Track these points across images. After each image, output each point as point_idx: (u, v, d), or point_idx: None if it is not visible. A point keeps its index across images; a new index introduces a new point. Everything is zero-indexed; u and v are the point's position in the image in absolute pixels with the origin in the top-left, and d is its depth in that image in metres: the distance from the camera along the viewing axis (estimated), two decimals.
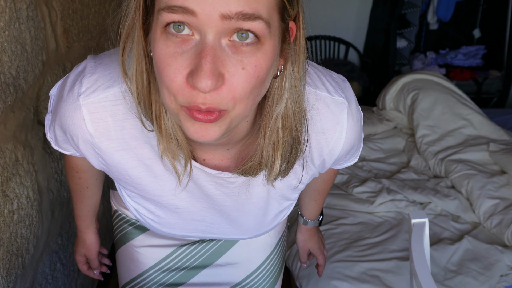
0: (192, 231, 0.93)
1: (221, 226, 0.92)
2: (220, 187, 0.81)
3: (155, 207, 0.87)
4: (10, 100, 1.13)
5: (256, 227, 0.93)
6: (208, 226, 0.91)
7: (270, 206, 0.88)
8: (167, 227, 0.91)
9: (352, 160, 0.91)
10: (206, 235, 0.95)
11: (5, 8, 1.10)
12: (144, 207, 0.88)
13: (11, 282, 1.13)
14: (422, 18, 4.12)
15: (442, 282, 1.63)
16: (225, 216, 0.89)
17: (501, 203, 1.94)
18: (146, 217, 0.90)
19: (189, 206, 0.85)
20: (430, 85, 2.60)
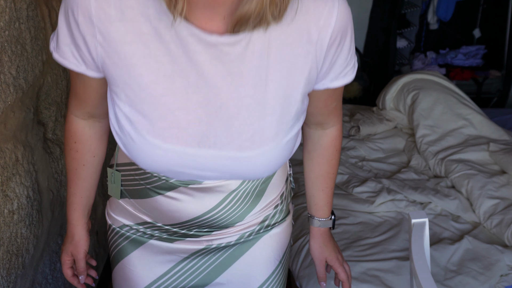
0: (188, 140, 0.83)
1: (220, 133, 0.83)
2: (216, 62, 0.78)
3: (149, 108, 0.82)
4: (10, 100, 1.13)
5: (256, 136, 0.84)
6: (205, 132, 0.83)
7: (270, 101, 0.83)
8: (160, 133, 0.83)
9: (349, 72, 0.89)
10: (202, 149, 0.84)
11: (5, 8, 1.10)
12: (136, 111, 0.82)
13: (11, 282, 1.13)
14: (422, 18, 4.12)
15: (442, 282, 1.63)
16: (223, 114, 0.82)
17: (501, 203, 1.94)
18: (138, 125, 0.83)
19: (185, 101, 0.81)
20: (430, 85, 2.60)
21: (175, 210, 0.96)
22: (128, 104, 0.82)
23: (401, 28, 3.91)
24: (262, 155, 0.86)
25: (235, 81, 0.80)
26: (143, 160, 0.87)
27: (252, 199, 0.99)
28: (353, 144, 2.48)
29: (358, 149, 2.45)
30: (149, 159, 0.86)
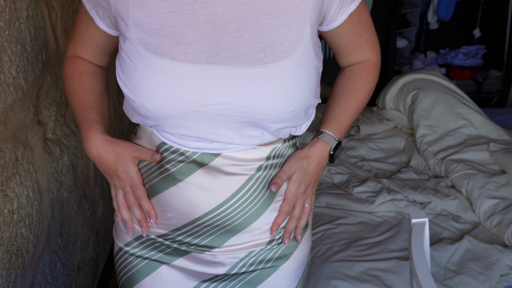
0: (196, 56, 0.80)
1: (230, 47, 0.80)
2: None
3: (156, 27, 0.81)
4: (10, 100, 1.13)
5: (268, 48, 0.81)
6: (214, 47, 0.80)
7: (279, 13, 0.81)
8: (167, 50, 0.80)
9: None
10: (212, 65, 0.80)
11: (5, 7, 1.10)
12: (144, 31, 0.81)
13: (11, 281, 1.13)
14: (422, 18, 4.12)
15: (442, 282, 1.63)
16: (231, 27, 0.80)
17: (501, 203, 1.94)
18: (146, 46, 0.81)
19: (192, 17, 0.80)
20: (430, 84, 2.60)
21: (190, 203, 0.91)
22: (135, 27, 0.82)
23: (401, 28, 3.91)
24: (276, 73, 0.81)
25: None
26: (152, 94, 0.81)
27: (267, 193, 0.94)
28: (353, 144, 2.48)
29: (358, 149, 2.46)
30: (158, 90, 0.81)
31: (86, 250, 1.78)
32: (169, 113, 0.83)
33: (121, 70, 0.86)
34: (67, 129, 1.54)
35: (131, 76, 0.83)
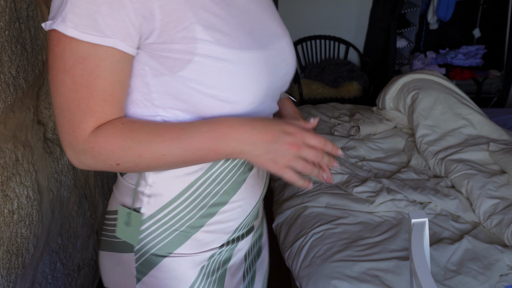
0: (260, 40, 0.84)
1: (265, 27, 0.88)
2: None
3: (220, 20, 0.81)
4: (10, 100, 1.13)
5: (278, 21, 0.95)
6: (260, 30, 0.86)
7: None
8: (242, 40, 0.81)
9: None
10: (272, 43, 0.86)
11: (5, 8, 1.10)
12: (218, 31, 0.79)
13: (11, 281, 1.13)
14: (422, 18, 4.13)
15: (442, 282, 1.63)
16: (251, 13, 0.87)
17: (501, 203, 1.94)
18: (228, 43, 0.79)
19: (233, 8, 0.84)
20: (430, 84, 2.60)
21: (255, 184, 0.94)
22: (206, 29, 0.77)
23: (401, 28, 3.92)
24: (290, 42, 0.94)
25: None
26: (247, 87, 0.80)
27: None
28: (353, 144, 2.48)
29: (358, 149, 2.46)
30: (251, 81, 0.81)
31: (86, 250, 1.78)
32: (257, 102, 0.83)
33: (201, 79, 0.78)
34: None
35: (223, 78, 0.79)
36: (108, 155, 0.77)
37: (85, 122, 0.76)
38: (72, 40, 0.72)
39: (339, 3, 3.82)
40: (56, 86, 0.75)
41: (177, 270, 0.91)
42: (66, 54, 0.73)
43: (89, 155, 0.78)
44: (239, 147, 0.78)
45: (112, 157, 0.77)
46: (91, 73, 0.74)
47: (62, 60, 0.73)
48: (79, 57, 0.73)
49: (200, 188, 0.87)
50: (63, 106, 0.76)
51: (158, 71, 0.78)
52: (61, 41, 0.73)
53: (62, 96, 0.75)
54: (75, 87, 0.74)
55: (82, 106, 0.75)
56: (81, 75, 0.74)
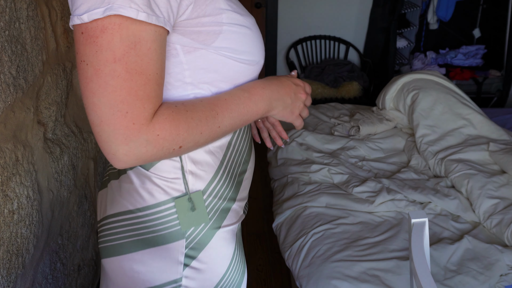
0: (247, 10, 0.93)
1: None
2: None
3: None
4: (10, 100, 1.13)
5: None
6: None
7: None
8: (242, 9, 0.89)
9: None
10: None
11: (5, 8, 1.10)
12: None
13: (11, 281, 1.13)
14: (422, 18, 4.13)
15: (442, 282, 1.63)
16: None
17: (501, 203, 1.94)
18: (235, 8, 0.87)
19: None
20: (430, 84, 2.60)
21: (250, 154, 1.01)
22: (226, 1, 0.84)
23: (401, 28, 3.92)
24: None
25: None
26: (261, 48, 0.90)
27: None
28: (353, 144, 2.48)
29: (358, 149, 2.46)
30: (260, 43, 0.90)
31: (86, 250, 1.78)
32: (263, 61, 0.92)
33: (233, 46, 0.84)
34: (67, 129, 1.54)
35: (249, 42, 0.86)
36: (174, 139, 0.76)
37: (146, 111, 0.73)
38: (122, 25, 0.69)
39: (339, 3, 3.82)
40: (103, 80, 0.70)
41: (223, 245, 0.95)
42: (116, 42, 0.69)
43: (152, 145, 0.75)
44: (273, 104, 0.91)
45: (177, 140, 0.77)
46: (144, 57, 0.72)
47: (110, 50, 0.69)
48: (131, 42, 0.70)
49: (230, 160, 0.93)
50: (116, 100, 0.71)
51: (192, 47, 0.81)
52: (107, 30, 0.69)
53: (114, 90, 0.70)
54: (130, 76, 0.71)
55: (140, 94, 0.72)
56: (135, 61, 0.71)
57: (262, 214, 2.90)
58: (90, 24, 0.69)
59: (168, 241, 0.91)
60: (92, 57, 0.70)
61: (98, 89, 0.70)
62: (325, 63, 3.88)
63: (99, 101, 0.71)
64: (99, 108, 0.71)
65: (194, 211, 0.90)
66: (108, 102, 0.70)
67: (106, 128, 0.72)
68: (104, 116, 0.71)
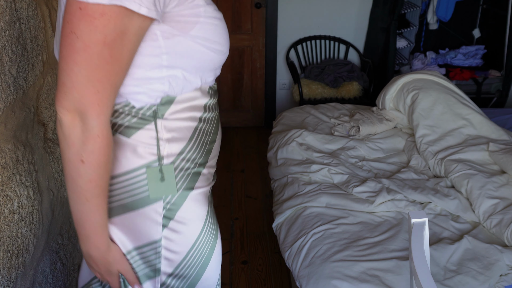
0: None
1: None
2: None
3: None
4: (11, 100, 1.13)
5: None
6: None
7: None
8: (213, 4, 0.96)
9: None
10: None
11: (6, 8, 1.10)
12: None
13: (12, 281, 1.13)
14: (422, 18, 4.13)
15: (442, 282, 1.63)
16: None
17: (501, 203, 1.94)
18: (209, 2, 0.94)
19: None
20: (430, 85, 2.60)
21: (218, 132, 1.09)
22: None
23: (401, 28, 3.92)
24: None
25: None
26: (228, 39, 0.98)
27: None
28: (353, 144, 2.48)
29: (358, 149, 2.46)
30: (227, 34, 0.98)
31: None
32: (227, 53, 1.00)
33: (207, 36, 0.92)
34: None
35: (219, 34, 0.95)
36: (92, 156, 0.84)
37: (110, 101, 0.83)
38: (119, 15, 0.77)
39: (339, 3, 3.82)
40: (90, 57, 0.77)
41: (197, 206, 1.03)
42: (109, 28, 0.77)
43: (83, 135, 0.83)
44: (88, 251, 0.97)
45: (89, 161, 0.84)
46: (125, 47, 0.81)
47: (103, 34, 0.77)
48: (121, 31, 0.78)
49: (201, 129, 1.01)
50: (94, 77, 0.79)
51: (170, 33, 0.88)
52: (106, 15, 0.76)
53: (96, 67, 0.78)
54: (112, 60, 0.79)
55: (112, 79, 0.81)
56: (118, 49, 0.79)
57: (262, 214, 2.90)
58: (92, 5, 0.76)
59: (147, 203, 0.97)
60: (85, 34, 0.76)
61: (82, 62, 0.78)
62: (325, 63, 3.88)
63: (79, 71, 0.78)
64: (77, 76, 0.79)
65: (163, 181, 0.96)
66: (87, 75, 0.78)
67: (75, 93, 0.80)
68: (79, 85, 0.79)
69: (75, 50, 0.77)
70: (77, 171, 0.86)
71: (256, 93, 4.03)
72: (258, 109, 4.09)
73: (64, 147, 0.85)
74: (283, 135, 2.55)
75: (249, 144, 3.78)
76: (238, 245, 2.62)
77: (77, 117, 0.81)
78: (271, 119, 3.93)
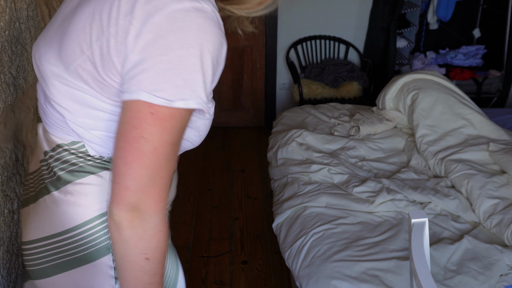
0: None
1: None
2: None
3: None
4: (10, 100, 1.13)
5: None
6: None
7: None
8: None
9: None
10: None
11: (5, 8, 1.10)
12: None
13: (12, 281, 1.13)
14: (422, 18, 4.12)
15: (442, 282, 1.63)
16: None
17: (501, 203, 1.94)
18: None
19: None
20: (430, 84, 2.60)
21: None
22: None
23: (401, 28, 3.92)
24: None
25: None
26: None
27: None
28: (353, 144, 2.48)
29: (358, 149, 2.46)
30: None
31: None
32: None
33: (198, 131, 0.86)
34: None
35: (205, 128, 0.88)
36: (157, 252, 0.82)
37: (166, 196, 0.81)
38: (184, 115, 0.76)
39: (339, 3, 3.82)
40: (156, 159, 0.76)
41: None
42: (176, 129, 0.77)
43: (146, 233, 0.80)
44: None
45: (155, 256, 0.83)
46: (179, 140, 0.80)
47: (171, 135, 0.77)
48: (181, 128, 0.78)
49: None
50: (158, 176, 0.78)
51: None
52: (175, 117, 0.75)
53: (162, 166, 0.78)
54: (173, 157, 0.79)
55: (171, 173, 0.80)
56: (179, 144, 0.80)
57: (262, 214, 2.90)
58: (163, 108, 0.74)
59: (96, 257, 0.91)
60: (155, 137, 0.75)
61: (149, 164, 0.76)
62: (325, 63, 3.88)
63: (145, 173, 0.76)
64: (142, 178, 0.77)
65: None
66: (151, 174, 0.77)
67: (140, 194, 0.77)
68: (144, 186, 0.77)
69: (143, 154, 0.76)
70: (142, 269, 0.83)
71: (256, 93, 4.03)
72: (258, 109, 4.09)
73: (124, 249, 0.82)
74: (283, 135, 2.55)
75: (249, 144, 3.78)
76: (238, 245, 2.62)
77: (137, 217, 0.79)
78: (271, 119, 3.94)
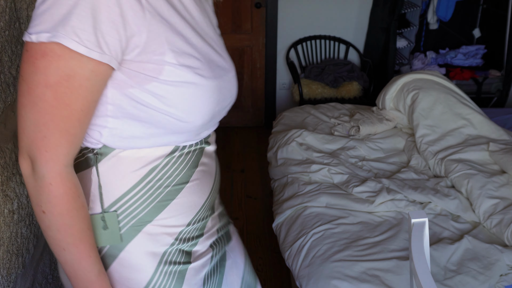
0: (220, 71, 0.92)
1: (221, 59, 0.94)
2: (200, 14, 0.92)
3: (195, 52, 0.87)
4: (10, 100, 1.13)
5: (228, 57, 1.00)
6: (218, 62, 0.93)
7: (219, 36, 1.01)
8: (212, 70, 0.89)
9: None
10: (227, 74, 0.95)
11: (5, 8, 1.10)
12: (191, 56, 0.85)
13: (12, 281, 1.13)
14: (422, 18, 4.12)
15: (442, 282, 1.63)
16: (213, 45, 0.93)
17: (501, 203, 1.94)
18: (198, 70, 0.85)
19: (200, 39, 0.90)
20: (430, 84, 2.60)
21: (205, 183, 0.98)
22: (176, 55, 0.82)
23: (401, 28, 3.92)
24: (235, 76, 1.00)
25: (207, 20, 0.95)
26: (201, 111, 0.87)
27: None
28: (353, 144, 2.48)
29: (358, 149, 2.46)
30: (204, 106, 0.87)
31: None
32: (203, 124, 0.90)
33: (162, 100, 0.83)
34: None
35: (181, 101, 0.84)
36: (50, 206, 0.79)
37: (61, 147, 0.77)
38: (61, 56, 0.72)
39: (339, 3, 3.82)
40: (33, 99, 0.74)
41: (134, 263, 0.93)
42: (51, 70, 0.73)
43: (38, 183, 0.78)
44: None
45: (49, 210, 0.79)
46: (74, 92, 0.75)
47: (45, 75, 0.73)
48: (65, 74, 0.73)
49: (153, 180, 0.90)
50: (40, 121, 0.75)
51: (125, 83, 0.81)
52: (46, 56, 0.73)
53: (40, 110, 0.75)
54: (57, 104, 0.75)
55: (60, 125, 0.76)
56: (64, 92, 0.74)
57: (262, 214, 2.90)
58: (35, 45, 0.73)
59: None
60: (28, 76, 0.74)
61: (27, 105, 0.75)
62: (325, 63, 3.88)
63: (26, 115, 0.76)
64: (25, 121, 0.76)
65: (106, 230, 0.90)
66: (33, 119, 0.75)
67: (25, 138, 0.77)
68: (26, 129, 0.76)
69: (21, 94, 0.75)
70: (42, 222, 0.81)
71: (256, 93, 4.03)
72: (258, 109, 4.09)
73: (30, 199, 0.82)
74: (283, 135, 2.55)
75: (249, 144, 3.78)
76: None
77: (29, 166, 0.78)
78: (271, 119, 3.93)
